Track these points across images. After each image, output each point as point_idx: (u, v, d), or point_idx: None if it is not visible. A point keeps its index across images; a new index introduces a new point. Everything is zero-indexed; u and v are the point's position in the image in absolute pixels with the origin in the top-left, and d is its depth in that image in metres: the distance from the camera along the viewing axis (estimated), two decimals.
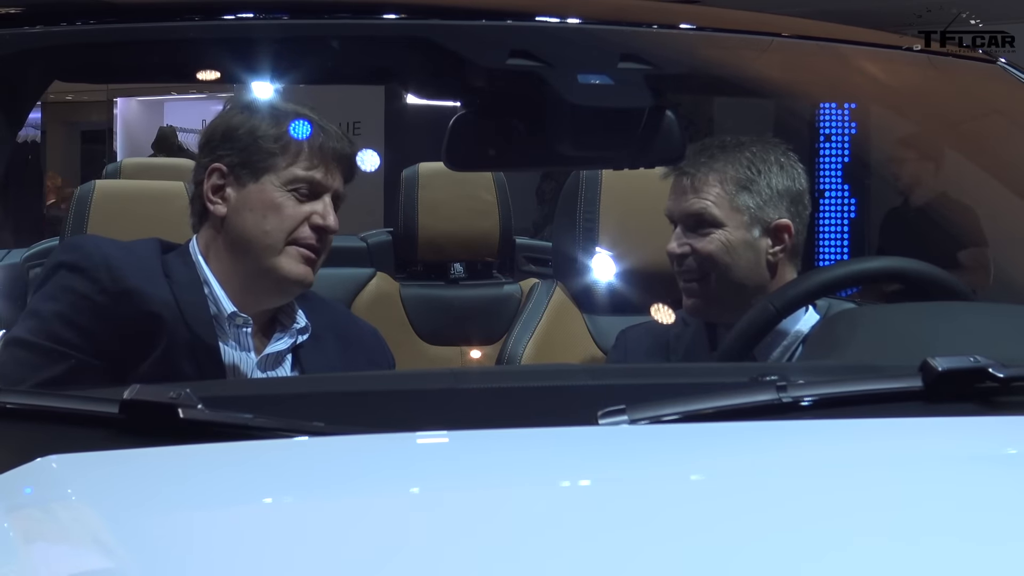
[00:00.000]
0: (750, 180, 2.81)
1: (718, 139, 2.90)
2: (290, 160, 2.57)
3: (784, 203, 2.82)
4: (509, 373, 2.62)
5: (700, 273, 2.80)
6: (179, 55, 2.53)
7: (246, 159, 2.57)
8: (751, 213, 2.80)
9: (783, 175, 2.83)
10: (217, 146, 2.61)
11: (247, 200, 2.57)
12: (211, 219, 2.60)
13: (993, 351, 1.84)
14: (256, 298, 2.58)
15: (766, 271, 2.81)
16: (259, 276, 2.57)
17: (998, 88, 2.57)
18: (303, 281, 2.58)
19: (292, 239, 2.56)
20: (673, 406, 1.71)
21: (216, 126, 2.65)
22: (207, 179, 2.59)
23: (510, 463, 1.63)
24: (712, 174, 2.81)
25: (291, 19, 2.43)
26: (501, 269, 4.44)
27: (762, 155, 2.84)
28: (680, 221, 2.83)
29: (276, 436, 1.64)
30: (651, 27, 2.53)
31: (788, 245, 2.82)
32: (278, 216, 2.56)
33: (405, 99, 6.93)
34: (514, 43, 2.39)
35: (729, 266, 2.79)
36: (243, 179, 2.57)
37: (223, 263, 2.58)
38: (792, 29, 2.61)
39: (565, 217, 3.42)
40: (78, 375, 2.40)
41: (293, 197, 2.56)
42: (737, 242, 2.80)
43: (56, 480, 1.54)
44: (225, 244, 2.58)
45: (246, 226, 2.57)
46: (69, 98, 17.30)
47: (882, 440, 1.73)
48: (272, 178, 2.57)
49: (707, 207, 2.80)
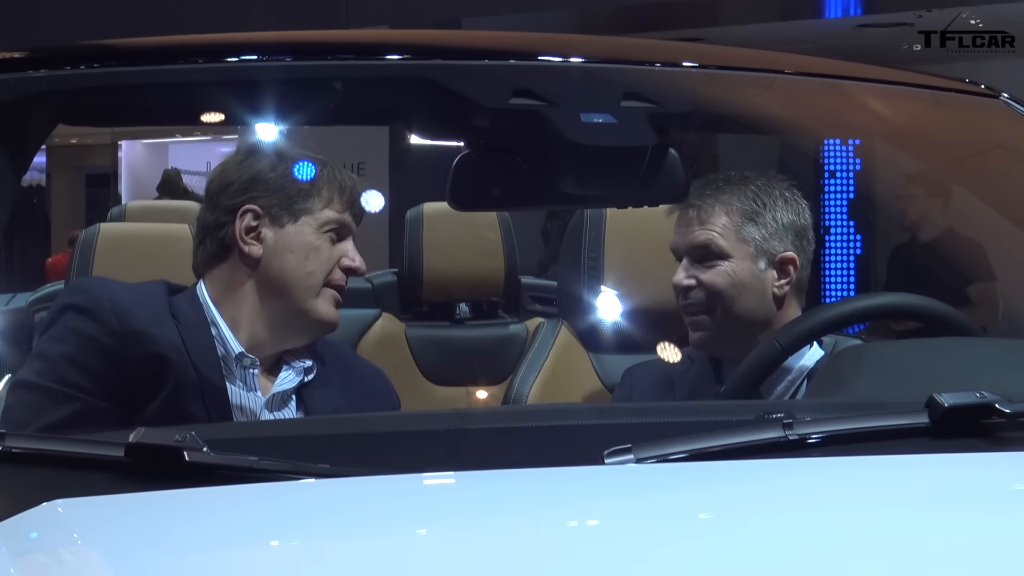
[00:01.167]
0: (756, 212, 2.81)
1: (723, 173, 2.91)
2: (324, 203, 2.59)
3: (789, 237, 2.82)
4: (515, 413, 2.62)
5: (706, 305, 2.80)
6: (183, 98, 2.53)
7: (283, 201, 2.58)
8: (757, 245, 2.80)
9: (788, 209, 2.84)
10: (245, 188, 2.60)
11: (287, 241, 2.58)
12: (235, 260, 2.60)
13: (1000, 387, 1.83)
14: (281, 339, 2.59)
15: (772, 304, 2.81)
16: (292, 317, 2.58)
17: (1001, 123, 2.57)
18: (333, 324, 2.61)
19: (328, 281, 2.59)
20: (679, 444, 1.71)
21: (238, 169, 2.63)
22: (239, 220, 2.59)
23: (517, 503, 1.63)
24: (718, 205, 2.81)
25: (295, 61, 2.44)
26: (506, 309, 4.44)
27: (767, 189, 2.84)
28: (686, 253, 2.83)
29: (282, 478, 1.64)
30: (654, 65, 2.53)
31: (793, 279, 2.82)
32: (318, 257, 2.58)
33: (409, 139, 6.95)
34: (517, 83, 2.39)
35: (735, 298, 2.79)
36: (281, 220, 2.58)
37: (244, 304, 2.57)
38: (794, 66, 2.61)
39: (570, 256, 3.42)
40: (85, 417, 2.40)
41: (328, 239, 2.59)
42: (743, 274, 2.79)
43: (62, 525, 1.54)
44: (256, 284, 2.58)
45: (287, 267, 2.58)
46: (74, 141, 17.34)
47: (889, 476, 1.72)
48: (310, 220, 2.58)
49: (713, 238, 2.80)
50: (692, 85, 2.60)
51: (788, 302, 2.83)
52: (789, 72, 2.59)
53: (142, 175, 16.97)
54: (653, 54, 2.62)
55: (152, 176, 14.99)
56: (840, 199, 8.82)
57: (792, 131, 3.60)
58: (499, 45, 2.65)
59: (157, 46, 2.51)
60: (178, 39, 2.54)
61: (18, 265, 11.88)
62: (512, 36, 3.28)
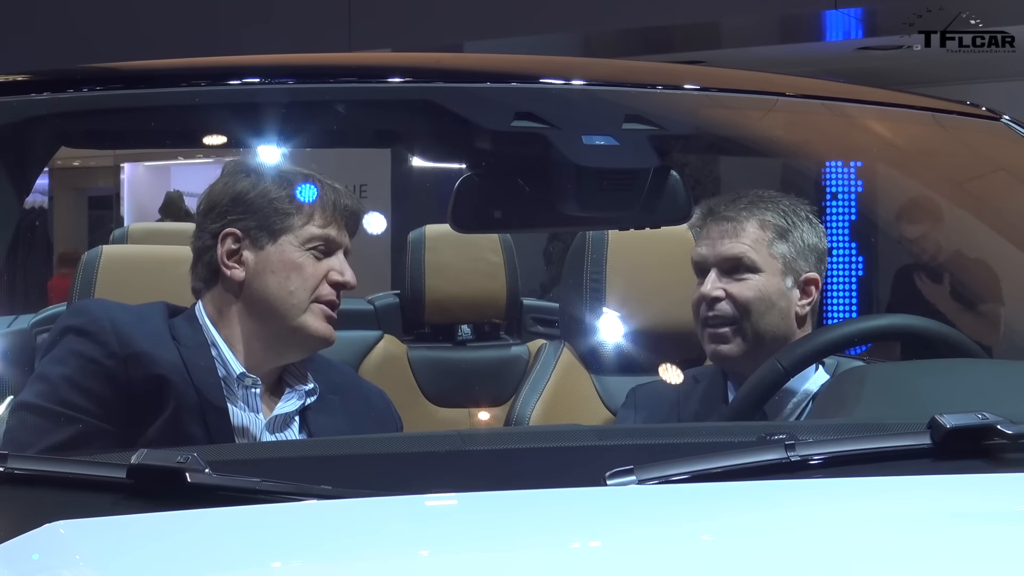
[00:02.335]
0: (786, 231, 2.81)
1: (753, 191, 2.90)
2: (305, 219, 2.57)
3: (812, 258, 2.83)
4: (517, 435, 2.62)
5: (733, 318, 2.79)
6: (186, 121, 2.54)
7: (262, 222, 2.57)
8: (786, 262, 2.80)
9: (812, 231, 2.85)
10: (226, 211, 2.60)
11: (268, 262, 2.58)
12: (224, 283, 2.60)
13: (1002, 408, 1.83)
14: (276, 356, 2.59)
15: (794, 323, 2.81)
16: (283, 335, 2.57)
17: (1002, 145, 2.58)
18: (328, 339, 2.60)
19: (315, 297, 2.57)
20: (681, 466, 1.71)
21: (220, 191, 2.63)
22: (220, 244, 2.59)
23: (519, 525, 1.63)
24: (753, 219, 2.81)
25: (297, 84, 2.44)
26: (508, 330, 4.43)
27: (795, 209, 2.85)
28: (716, 265, 2.81)
29: (284, 500, 1.64)
30: (655, 88, 2.54)
31: (815, 300, 2.82)
32: (301, 276, 2.57)
33: (411, 162, 6.95)
34: (519, 105, 2.40)
35: (763, 313, 2.78)
36: (260, 241, 2.58)
37: (238, 325, 2.58)
38: (796, 88, 2.62)
39: (572, 278, 3.43)
40: (87, 439, 2.40)
41: (312, 256, 2.57)
42: (772, 290, 2.79)
43: (64, 546, 1.54)
44: (244, 306, 2.58)
45: (269, 288, 2.57)
46: (76, 164, 17.33)
47: (891, 498, 1.72)
48: (290, 238, 2.57)
49: (747, 251, 2.79)
50: (694, 107, 2.61)
51: (806, 323, 2.83)
52: (790, 94, 2.60)
53: (144, 197, 16.96)
54: (655, 77, 2.63)
55: (154, 198, 14.98)
56: (842, 221, 8.83)
57: (794, 153, 3.61)
58: (501, 68, 2.66)
59: (160, 69, 2.52)
60: (181, 62, 2.54)
61: (20, 287, 11.88)
62: (514, 59, 3.29)
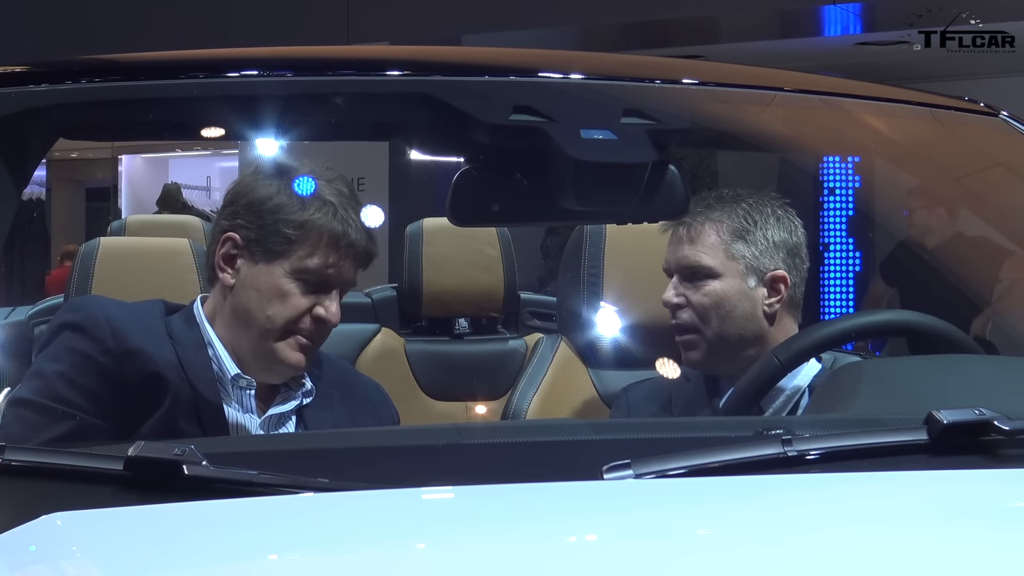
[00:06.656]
0: (746, 230, 2.81)
1: (715, 192, 2.91)
2: (307, 251, 2.52)
3: (780, 255, 2.82)
4: (514, 428, 2.62)
5: (695, 324, 2.80)
6: (184, 113, 2.53)
7: (262, 238, 2.53)
8: (747, 263, 2.80)
9: (780, 227, 2.84)
10: (239, 212, 2.57)
11: (255, 280, 2.54)
12: (219, 285, 2.59)
13: (998, 403, 1.84)
14: (255, 369, 2.57)
15: (763, 322, 2.81)
16: (256, 352, 2.55)
17: (1000, 140, 2.58)
18: (296, 367, 2.56)
19: (291, 328, 2.53)
20: (678, 460, 1.71)
21: (242, 190, 2.59)
22: (219, 246, 2.57)
23: (516, 518, 1.63)
24: (708, 224, 2.82)
25: (295, 76, 2.44)
26: (506, 324, 4.43)
27: (758, 207, 2.84)
28: (676, 272, 2.84)
29: (281, 492, 1.64)
30: (653, 82, 2.54)
31: (784, 297, 2.82)
32: (282, 305, 2.52)
33: (409, 155, 6.94)
34: (517, 99, 2.40)
35: (724, 317, 2.79)
36: (255, 256, 2.54)
37: (228, 328, 2.57)
38: (794, 83, 2.62)
39: (569, 272, 3.42)
40: (82, 435, 2.39)
41: (299, 287, 2.53)
42: (732, 292, 2.80)
43: (60, 538, 1.54)
44: (231, 312, 2.57)
45: (250, 304, 2.54)
46: (74, 156, 17.34)
47: (887, 493, 1.72)
48: (284, 264, 2.52)
49: (702, 258, 2.80)
50: (692, 102, 2.61)
51: (781, 319, 2.82)
52: (789, 89, 2.60)
53: (142, 189, 16.98)
54: (653, 71, 2.63)
55: (152, 190, 15.00)
56: (839, 216, 8.83)
57: (792, 148, 3.61)
58: (499, 61, 2.66)
59: (158, 61, 2.52)
60: (179, 54, 2.54)
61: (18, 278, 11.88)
62: (512, 52, 3.29)
